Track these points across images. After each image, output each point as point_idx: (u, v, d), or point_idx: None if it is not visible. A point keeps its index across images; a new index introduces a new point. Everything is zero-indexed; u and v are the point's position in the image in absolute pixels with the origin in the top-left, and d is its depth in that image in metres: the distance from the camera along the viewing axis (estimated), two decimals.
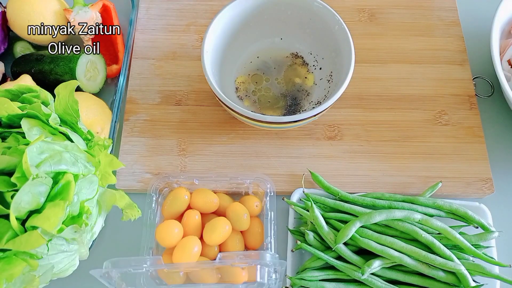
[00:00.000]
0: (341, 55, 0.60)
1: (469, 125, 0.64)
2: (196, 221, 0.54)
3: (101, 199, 0.49)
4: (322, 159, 0.61)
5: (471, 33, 0.72)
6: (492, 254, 0.55)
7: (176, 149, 0.62)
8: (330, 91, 0.61)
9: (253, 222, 0.55)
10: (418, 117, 0.64)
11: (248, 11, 0.62)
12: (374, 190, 0.59)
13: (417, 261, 0.51)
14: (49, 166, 0.42)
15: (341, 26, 0.59)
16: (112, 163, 0.50)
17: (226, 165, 0.61)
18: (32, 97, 0.48)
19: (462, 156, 0.62)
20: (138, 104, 0.65)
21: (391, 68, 0.68)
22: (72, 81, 0.48)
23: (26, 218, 0.41)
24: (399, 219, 0.53)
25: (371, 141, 0.63)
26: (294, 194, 0.57)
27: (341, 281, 0.52)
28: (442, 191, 0.59)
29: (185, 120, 0.64)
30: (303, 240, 0.54)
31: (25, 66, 0.63)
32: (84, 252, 0.49)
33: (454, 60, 0.69)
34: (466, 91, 0.66)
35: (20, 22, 0.63)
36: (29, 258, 0.42)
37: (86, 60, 0.62)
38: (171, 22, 0.71)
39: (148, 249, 0.53)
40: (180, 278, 0.52)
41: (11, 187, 0.41)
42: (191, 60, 0.68)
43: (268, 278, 0.50)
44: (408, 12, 0.72)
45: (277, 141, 0.62)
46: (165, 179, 0.57)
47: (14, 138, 0.45)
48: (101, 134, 0.60)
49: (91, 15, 0.64)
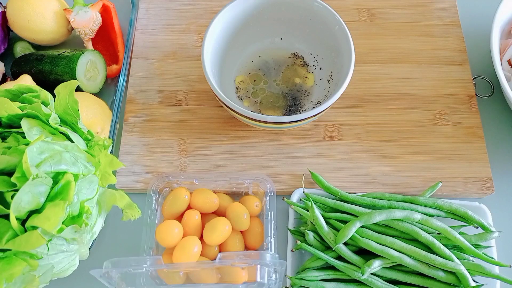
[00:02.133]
0: (341, 55, 0.60)
1: (469, 125, 0.64)
2: (196, 221, 0.54)
3: (101, 199, 0.49)
4: (322, 159, 0.61)
5: (471, 33, 0.72)
6: (492, 254, 0.55)
7: (176, 149, 0.62)
8: (330, 91, 0.61)
9: (253, 222, 0.55)
10: (418, 117, 0.64)
11: (248, 11, 0.62)
12: (374, 190, 0.59)
13: (417, 261, 0.51)
14: (49, 166, 0.42)
15: (341, 26, 0.59)
16: (112, 163, 0.50)
17: (226, 165, 0.61)
18: (32, 97, 0.48)
19: (462, 156, 0.62)
20: (138, 104, 0.65)
21: (391, 68, 0.68)
22: (72, 81, 0.48)
23: (26, 218, 0.41)
24: (399, 219, 0.53)
25: (371, 141, 0.63)
26: (294, 194, 0.57)
27: (341, 281, 0.52)
28: (442, 191, 0.59)
29: (185, 120, 0.64)
30: (303, 240, 0.54)
31: (25, 66, 0.63)
32: (84, 252, 0.49)
33: (454, 60, 0.69)
34: (466, 91, 0.66)
35: (20, 22, 0.63)
36: (29, 258, 0.42)
37: (86, 60, 0.62)
38: (171, 22, 0.71)
39: (148, 249, 0.53)
40: (180, 278, 0.52)
41: (11, 187, 0.41)
42: (191, 60, 0.68)
43: (268, 278, 0.50)
44: (408, 12, 0.72)
45: (277, 141, 0.62)
46: (165, 179, 0.57)
47: (14, 138, 0.45)
48: (101, 134, 0.60)
49: (91, 15, 0.64)
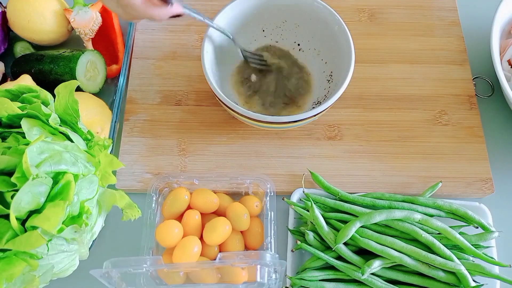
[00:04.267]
0: (341, 55, 0.60)
1: (469, 125, 0.64)
2: (196, 221, 0.54)
3: (101, 199, 0.49)
4: (322, 159, 0.61)
5: (471, 33, 0.72)
6: (492, 254, 0.55)
7: (176, 149, 0.62)
8: (330, 91, 0.61)
9: (253, 222, 0.55)
10: (418, 117, 0.64)
11: (248, 11, 0.62)
12: (374, 190, 0.59)
13: (417, 261, 0.51)
14: (49, 166, 0.42)
15: (341, 26, 0.59)
16: (112, 163, 0.50)
17: (226, 165, 0.61)
18: (32, 97, 0.48)
19: (462, 156, 0.62)
20: (138, 104, 0.65)
21: (391, 68, 0.68)
22: (72, 81, 0.48)
23: (26, 218, 0.41)
24: (399, 219, 0.53)
25: (371, 141, 0.63)
26: (294, 194, 0.57)
27: (341, 281, 0.52)
28: (442, 191, 0.59)
29: (185, 120, 0.64)
30: (303, 240, 0.54)
31: (25, 66, 0.63)
32: (84, 252, 0.49)
33: (454, 60, 0.68)
34: (466, 91, 0.66)
35: (20, 22, 0.63)
36: (29, 258, 0.42)
37: (86, 60, 0.62)
38: (171, 22, 0.71)
39: (148, 249, 0.53)
40: (180, 278, 0.52)
41: (11, 187, 0.41)
42: (191, 60, 0.68)
43: (268, 278, 0.50)
44: (408, 12, 0.72)
45: (277, 141, 0.62)
46: (165, 179, 0.57)
47: (14, 138, 0.45)
48: (101, 134, 0.60)
49: (91, 15, 0.64)
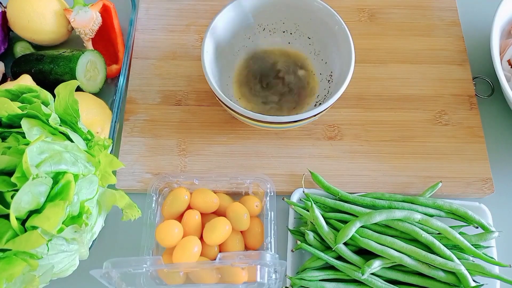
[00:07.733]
0: (341, 55, 0.60)
1: (469, 125, 0.64)
2: (196, 221, 0.54)
3: (101, 199, 0.49)
4: (322, 159, 0.61)
5: (471, 33, 0.72)
6: (492, 254, 0.55)
7: (176, 149, 0.62)
8: (330, 91, 0.61)
9: (253, 222, 0.55)
10: (418, 117, 0.64)
11: (248, 11, 0.62)
12: (374, 190, 0.59)
13: (417, 261, 0.51)
14: (49, 166, 0.42)
15: (341, 26, 0.59)
16: (112, 163, 0.50)
17: (226, 165, 0.61)
18: (32, 97, 0.48)
19: (462, 156, 0.62)
20: (138, 104, 0.65)
21: (391, 68, 0.68)
22: (72, 81, 0.48)
23: (26, 218, 0.41)
24: (399, 219, 0.53)
25: (371, 141, 0.63)
26: (294, 194, 0.57)
27: (341, 281, 0.52)
28: (442, 191, 0.59)
29: (185, 120, 0.64)
30: (303, 240, 0.54)
31: (25, 66, 0.63)
32: (84, 252, 0.49)
33: (454, 60, 0.69)
34: (466, 91, 0.66)
35: (20, 22, 0.63)
36: (29, 258, 0.42)
37: (86, 60, 0.62)
38: (171, 22, 0.71)
39: (148, 249, 0.53)
40: (180, 278, 0.52)
41: (11, 187, 0.41)
42: (191, 60, 0.68)
43: (268, 278, 0.50)
44: (408, 12, 0.72)
45: (277, 141, 0.62)
46: (165, 179, 0.57)
47: (14, 138, 0.45)
48: (101, 134, 0.60)
49: (91, 15, 0.64)
